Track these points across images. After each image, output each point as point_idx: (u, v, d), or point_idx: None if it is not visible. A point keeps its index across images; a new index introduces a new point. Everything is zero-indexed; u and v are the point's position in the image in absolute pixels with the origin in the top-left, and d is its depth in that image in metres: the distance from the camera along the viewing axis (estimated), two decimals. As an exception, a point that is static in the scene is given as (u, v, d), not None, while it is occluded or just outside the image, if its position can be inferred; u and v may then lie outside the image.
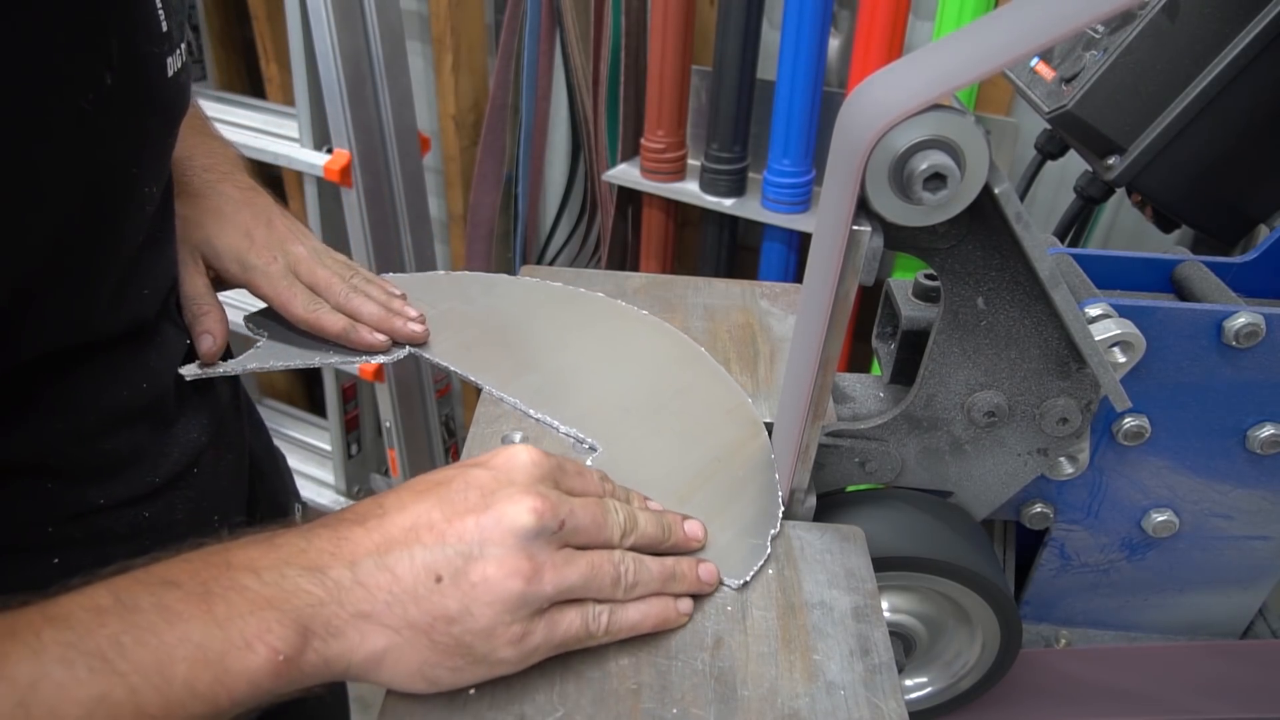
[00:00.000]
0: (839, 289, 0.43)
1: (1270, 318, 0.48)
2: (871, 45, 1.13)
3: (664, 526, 0.46)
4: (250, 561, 0.36)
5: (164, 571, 0.36)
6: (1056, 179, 1.24)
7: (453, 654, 0.38)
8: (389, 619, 0.37)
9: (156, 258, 0.55)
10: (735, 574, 0.48)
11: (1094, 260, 0.55)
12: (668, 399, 0.60)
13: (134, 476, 0.53)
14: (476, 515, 0.39)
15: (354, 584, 0.37)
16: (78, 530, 0.51)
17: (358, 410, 1.74)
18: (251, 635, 0.34)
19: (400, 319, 0.62)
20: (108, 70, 0.43)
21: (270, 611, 0.35)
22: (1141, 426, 0.52)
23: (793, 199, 1.26)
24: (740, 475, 0.54)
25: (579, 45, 1.42)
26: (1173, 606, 0.62)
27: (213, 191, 0.62)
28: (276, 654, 0.35)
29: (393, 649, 0.37)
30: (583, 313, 0.69)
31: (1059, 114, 0.62)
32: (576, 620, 0.41)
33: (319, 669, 0.36)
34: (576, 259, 1.62)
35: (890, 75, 0.42)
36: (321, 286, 0.62)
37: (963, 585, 0.53)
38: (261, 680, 0.35)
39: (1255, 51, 0.55)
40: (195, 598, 0.35)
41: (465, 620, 0.38)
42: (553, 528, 0.40)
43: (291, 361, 0.61)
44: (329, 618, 0.36)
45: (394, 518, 0.39)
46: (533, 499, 0.40)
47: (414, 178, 1.48)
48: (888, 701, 0.42)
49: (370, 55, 1.34)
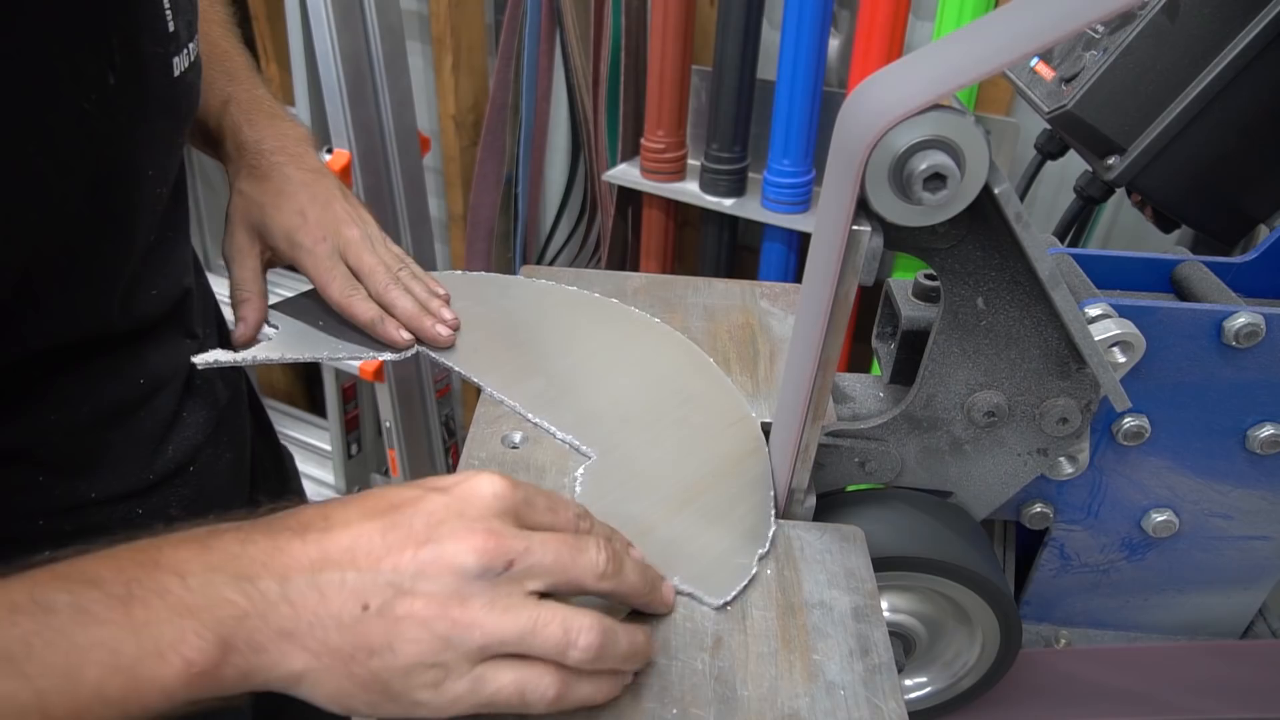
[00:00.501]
0: (839, 289, 0.43)
1: (1270, 318, 0.48)
2: (871, 45, 1.13)
3: (648, 581, 0.43)
4: (179, 564, 0.35)
5: (89, 567, 0.34)
6: (1056, 179, 1.24)
7: (369, 688, 0.36)
8: (309, 642, 0.35)
9: (167, 257, 0.56)
10: (717, 593, 0.46)
11: (1094, 260, 0.55)
12: (670, 409, 0.59)
13: (127, 471, 0.53)
14: (416, 547, 0.36)
15: (281, 599, 0.35)
16: (69, 523, 0.51)
17: (358, 410, 1.74)
18: (165, 645, 0.33)
19: (431, 319, 0.62)
20: (109, 70, 0.43)
21: (189, 620, 0.33)
22: (1141, 426, 0.52)
23: (793, 199, 1.26)
24: (733, 492, 0.53)
25: (579, 45, 1.42)
26: (1173, 606, 0.62)
27: (277, 173, 0.63)
28: (191, 665, 0.33)
29: (310, 673, 0.35)
30: (593, 318, 0.68)
31: (1059, 114, 0.62)
32: (510, 685, 0.37)
33: (237, 682, 0.35)
34: (576, 259, 1.62)
35: (890, 75, 0.42)
36: (365, 273, 0.62)
37: (963, 585, 0.53)
38: (174, 690, 0.33)
39: (1255, 51, 0.55)
40: (114, 600, 0.33)
41: (385, 655, 0.35)
42: (497, 569, 0.37)
43: (303, 354, 0.61)
44: (251, 631, 0.34)
45: (336, 534, 0.36)
46: (478, 536, 0.37)
47: (414, 178, 1.48)
48: (887, 701, 0.42)
49: (370, 55, 1.34)
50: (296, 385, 2.07)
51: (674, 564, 0.47)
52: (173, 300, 0.56)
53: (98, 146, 0.44)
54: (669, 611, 0.45)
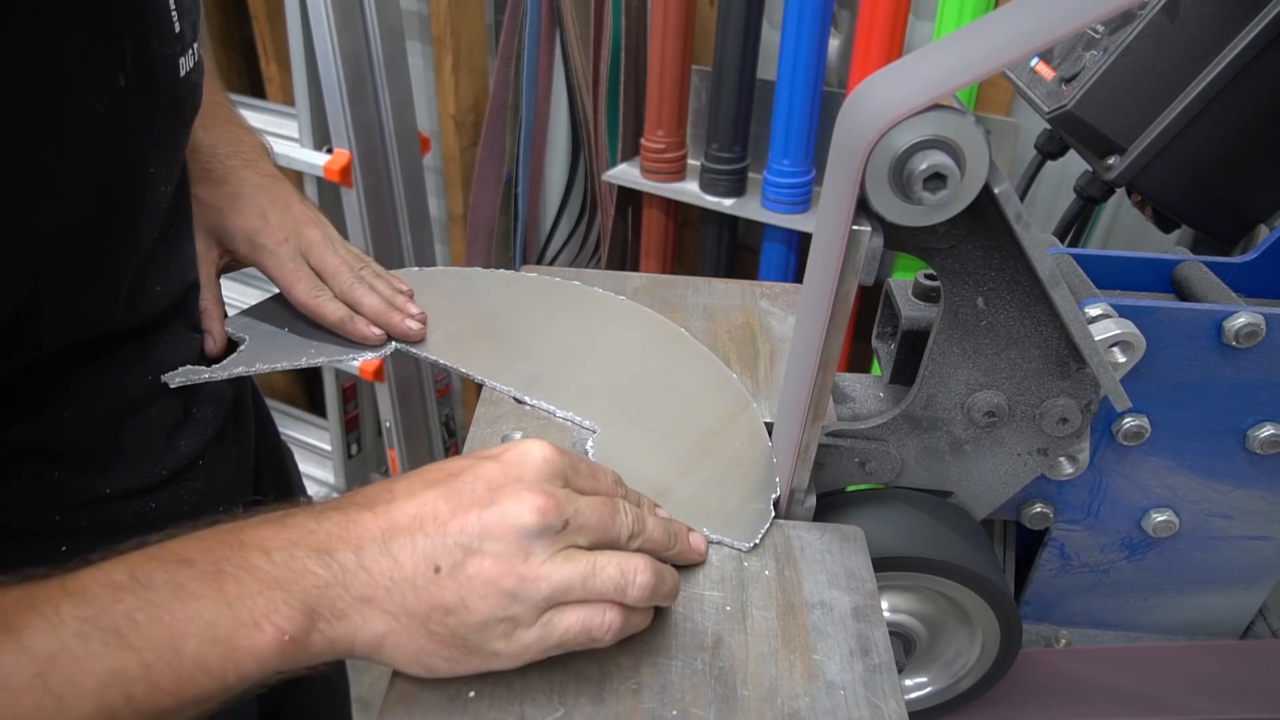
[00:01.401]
0: (839, 289, 0.43)
1: (1270, 318, 0.48)
2: (871, 45, 1.13)
3: (670, 534, 0.46)
4: (261, 541, 0.37)
5: (179, 549, 0.37)
6: (1056, 179, 1.24)
7: (448, 644, 0.39)
8: (388, 605, 0.38)
9: (171, 254, 0.56)
10: (745, 537, 0.50)
11: (1094, 260, 0.55)
12: (656, 378, 0.61)
13: (140, 468, 0.54)
14: (480, 509, 0.39)
15: (358, 568, 0.38)
16: (85, 518, 0.52)
17: (358, 410, 1.74)
18: (259, 615, 0.35)
19: (399, 315, 0.62)
20: (121, 71, 0.43)
21: (278, 592, 0.36)
22: (1141, 426, 0.52)
23: (793, 199, 1.26)
24: (736, 446, 0.56)
25: (579, 45, 1.42)
26: (1173, 606, 0.62)
27: (233, 176, 0.62)
28: (282, 634, 0.36)
29: (391, 634, 0.38)
30: (561, 301, 0.69)
31: (1059, 114, 0.62)
32: (576, 624, 0.40)
33: (324, 649, 0.37)
34: (576, 259, 1.62)
35: (890, 75, 0.42)
36: (329, 273, 0.62)
37: (963, 585, 0.53)
38: (268, 658, 0.36)
39: (1255, 51, 0.55)
40: (207, 576, 0.36)
41: (460, 612, 0.38)
42: (556, 527, 0.40)
43: (277, 363, 0.60)
44: (334, 600, 0.37)
45: (401, 504, 0.39)
46: (538, 497, 0.40)
47: (414, 178, 1.48)
48: (888, 702, 0.42)
49: (370, 55, 1.34)
50: (296, 385, 2.07)
51: (698, 518, 0.50)
52: (177, 295, 0.56)
53: (107, 146, 0.44)
54: (702, 560, 0.49)
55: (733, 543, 0.49)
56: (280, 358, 0.60)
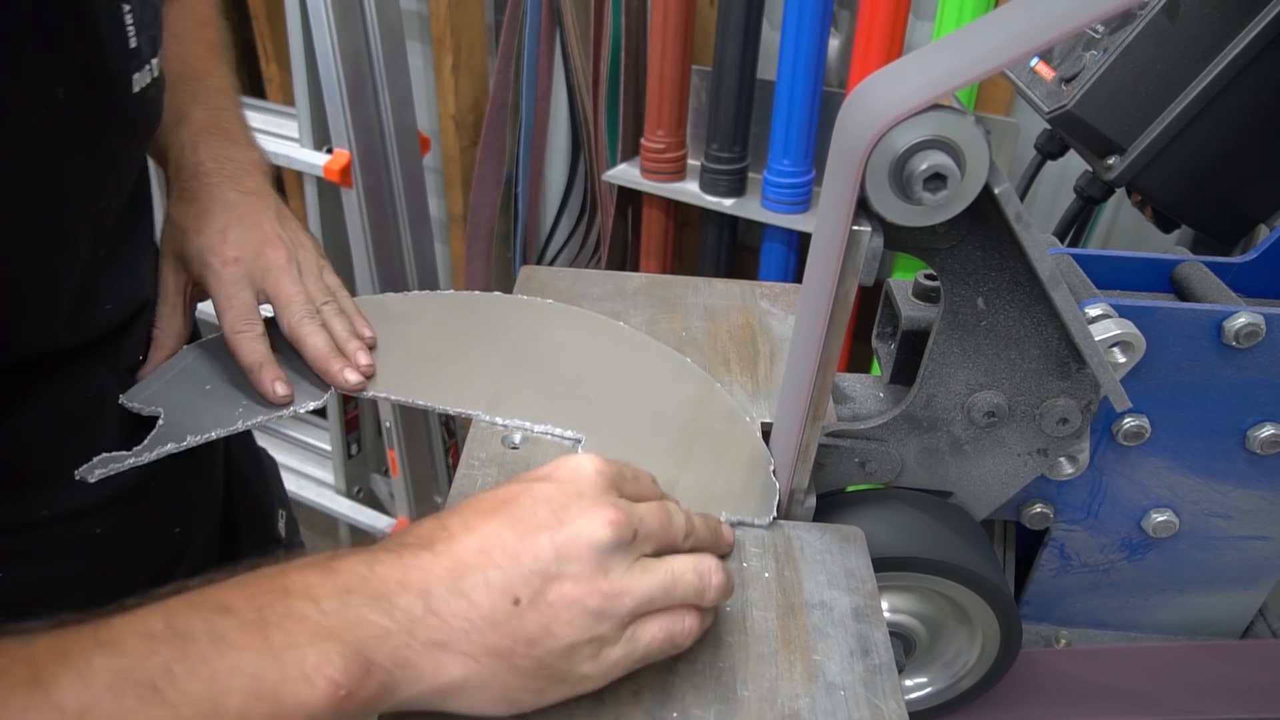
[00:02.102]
0: (839, 289, 0.43)
1: (1270, 318, 0.48)
2: (871, 45, 1.13)
3: (711, 529, 0.46)
4: (308, 588, 0.35)
5: (218, 595, 0.35)
6: (1056, 179, 1.24)
7: (535, 676, 0.37)
8: (466, 647, 0.36)
9: (123, 271, 0.54)
10: (762, 514, 0.51)
11: (1094, 260, 0.55)
12: (617, 376, 0.61)
13: (80, 488, 0.50)
14: (550, 532, 0.38)
15: (426, 613, 0.36)
16: (22, 543, 0.49)
17: (358, 410, 1.74)
18: (310, 668, 0.33)
19: (341, 363, 0.56)
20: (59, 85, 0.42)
21: (331, 643, 0.34)
22: (1141, 426, 0.52)
23: (793, 199, 1.26)
24: (718, 428, 0.56)
25: (579, 45, 1.42)
26: (1173, 606, 0.62)
27: (206, 195, 0.58)
28: (337, 688, 0.33)
29: (472, 677, 0.36)
30: (496, 313, 0.66)
31: (1059, 114, 0.62)
32: (660, 633, 0.39)
33: (380, 700, 0.35)
34: (576, 259, 1.62)
35: (890, 75, 0.42)
36: (281, 302, 0.57)
37: (963, 585, 0.53)
38: (320, 713, 0.33)
39: (1255, 51, 0.55)
40: (250, 626, 0.33)
41: (546, 641, 0.37)
42: (628, 538, 0.39)
43: (209, 431, 0.53)
44: (396, 648, 0.35)
45: (463, 540, 0.37)
46: (607, 510, 0.39)
47: (414, 178, 1.48)
48: (888, 702, 0.42)
49: (370, 55, 1.34)
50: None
51: (711, 504, 0.51)
52: (128, 314, 0.54)
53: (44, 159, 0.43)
54: (731, 550, 0.49)
55: (753, 520, 0.51)
56: (210, 424, 0.53)
